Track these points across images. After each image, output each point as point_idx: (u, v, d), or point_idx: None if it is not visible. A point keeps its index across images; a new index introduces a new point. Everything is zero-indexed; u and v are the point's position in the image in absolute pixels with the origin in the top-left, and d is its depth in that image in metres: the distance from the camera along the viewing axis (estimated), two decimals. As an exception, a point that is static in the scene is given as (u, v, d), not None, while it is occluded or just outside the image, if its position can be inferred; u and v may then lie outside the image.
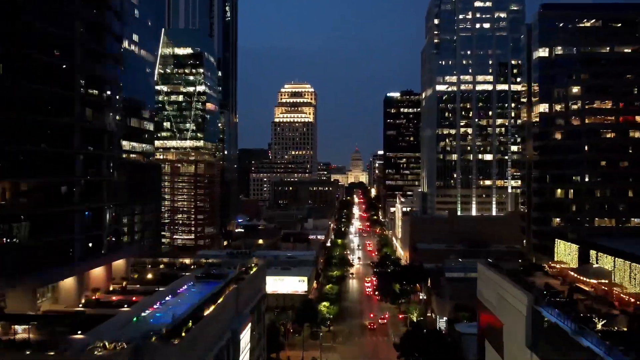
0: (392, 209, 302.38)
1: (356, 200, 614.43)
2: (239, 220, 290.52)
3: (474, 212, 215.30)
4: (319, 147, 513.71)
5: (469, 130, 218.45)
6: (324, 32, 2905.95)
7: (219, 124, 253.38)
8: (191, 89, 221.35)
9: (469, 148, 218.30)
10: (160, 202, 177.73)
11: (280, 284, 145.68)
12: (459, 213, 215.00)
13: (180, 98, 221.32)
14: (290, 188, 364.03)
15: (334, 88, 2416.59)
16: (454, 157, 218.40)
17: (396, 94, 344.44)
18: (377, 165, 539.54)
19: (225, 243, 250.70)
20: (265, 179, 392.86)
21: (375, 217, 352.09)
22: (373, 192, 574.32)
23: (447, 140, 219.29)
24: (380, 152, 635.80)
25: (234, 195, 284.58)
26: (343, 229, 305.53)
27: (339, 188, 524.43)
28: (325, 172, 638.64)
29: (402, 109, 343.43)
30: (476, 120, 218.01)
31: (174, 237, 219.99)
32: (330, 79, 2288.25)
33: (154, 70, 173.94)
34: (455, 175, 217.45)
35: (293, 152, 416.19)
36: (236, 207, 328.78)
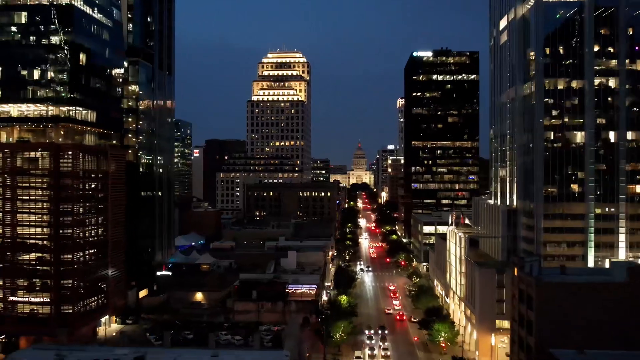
0: (426, 229, 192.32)
1: (360, 205, 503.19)
2: (182, 249, 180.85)
3: (621, 254, 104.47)
4: (314, 140, 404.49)
5: (611, 82, 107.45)
6: (318, 27, 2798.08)
7: (133, 81, 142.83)
8: (46, 1, 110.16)
9: (611, 119, 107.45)
10: None
11: None
12: (591, 252, 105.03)
13: (23, 19, 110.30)
14: (271, 193, 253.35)
15: (332, 82, 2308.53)
16: (579, 138, 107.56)
17: (427, 54, 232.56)
18: (389, 162, 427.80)
19: (143, 293, 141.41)
20: (237, 181, 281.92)
21: (393, 236, 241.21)
22: (384, 196, 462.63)
23: (564, 103, 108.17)
24: (391, 147, 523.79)
25: (171, 208, 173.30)
26: (348, 263, 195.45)
27: (341, 191, 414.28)
28: (323, 172, 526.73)
29: (435, 76, 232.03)
30: (626, 61, 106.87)
31: (12, 298, 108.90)
32: (327, 72, 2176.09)
33: None
34: (583, 176, 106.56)
35: (277, 143, 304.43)
36: (184, 224, 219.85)
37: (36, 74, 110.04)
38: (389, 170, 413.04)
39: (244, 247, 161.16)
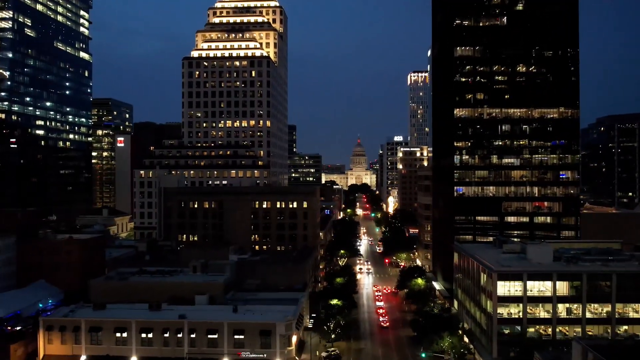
0: (502, 287, 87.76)
1: (360, 212, 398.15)
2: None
3: None
4: (304, 136, 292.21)
5: None
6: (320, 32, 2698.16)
7: None
8: None
9: None
10: None
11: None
12: None
13: None
14: (206, 204, 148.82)
15: (330, 80, 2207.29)
16: None
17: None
18: (400, 155, 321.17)
19: None
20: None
21: (419, 280, 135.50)
22: (391, 202, 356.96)
23: None
24: (399, 138, 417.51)
25: None
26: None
27: (336, 195, 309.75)
28: (312, 170, 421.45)
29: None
30: None
31: None
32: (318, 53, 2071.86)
33: None
34: None
35: (229, 124, 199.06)
36: (30, 265, 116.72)
37: None
38: (400, 166, 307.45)
39: None
